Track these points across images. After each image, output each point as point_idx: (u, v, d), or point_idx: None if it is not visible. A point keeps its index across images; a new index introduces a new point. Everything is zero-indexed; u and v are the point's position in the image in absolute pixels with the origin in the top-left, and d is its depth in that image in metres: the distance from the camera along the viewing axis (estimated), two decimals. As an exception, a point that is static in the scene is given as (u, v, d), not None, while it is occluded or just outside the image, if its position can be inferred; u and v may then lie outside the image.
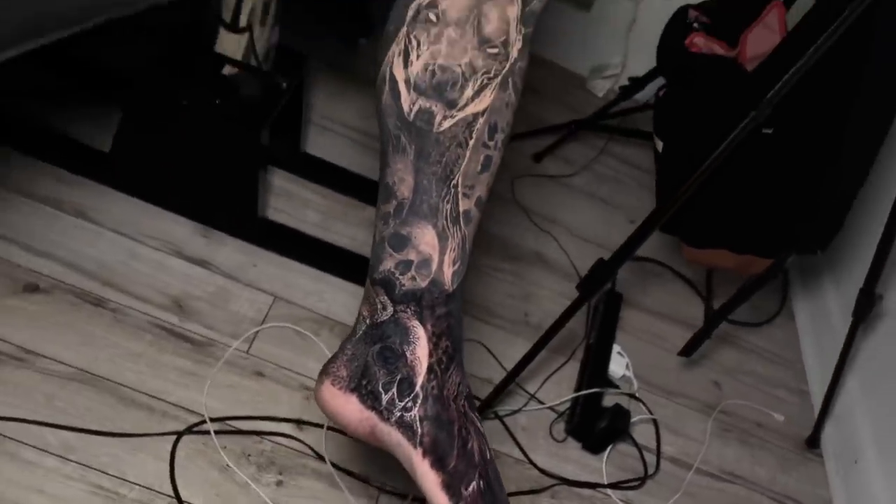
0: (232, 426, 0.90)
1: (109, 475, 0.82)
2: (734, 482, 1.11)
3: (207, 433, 0.88)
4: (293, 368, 0.98)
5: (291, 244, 1.10)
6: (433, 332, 0.73)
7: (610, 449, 1.06)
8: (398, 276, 0.72)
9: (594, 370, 1.12)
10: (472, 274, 0.94)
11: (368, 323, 0.75)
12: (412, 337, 0.73)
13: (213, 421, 0.89)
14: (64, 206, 1.01)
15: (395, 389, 0.72)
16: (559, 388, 1.10)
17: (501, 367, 1.08)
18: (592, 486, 1.02)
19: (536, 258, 1.27)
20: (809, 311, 1.37)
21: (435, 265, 0.72)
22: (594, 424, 1.05)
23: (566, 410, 1.08)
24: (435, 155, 0.69)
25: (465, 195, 0.71)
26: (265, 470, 0.88)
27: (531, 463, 1.01)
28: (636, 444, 1.08)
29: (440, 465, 0.72)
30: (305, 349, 1.00)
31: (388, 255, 0.73)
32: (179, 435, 0.87)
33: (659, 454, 1.09)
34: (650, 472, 1.06)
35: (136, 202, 1.05)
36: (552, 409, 1.08)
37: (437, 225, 0.71)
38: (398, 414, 0.72)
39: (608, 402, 1.10)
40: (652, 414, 1.13)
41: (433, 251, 0.72)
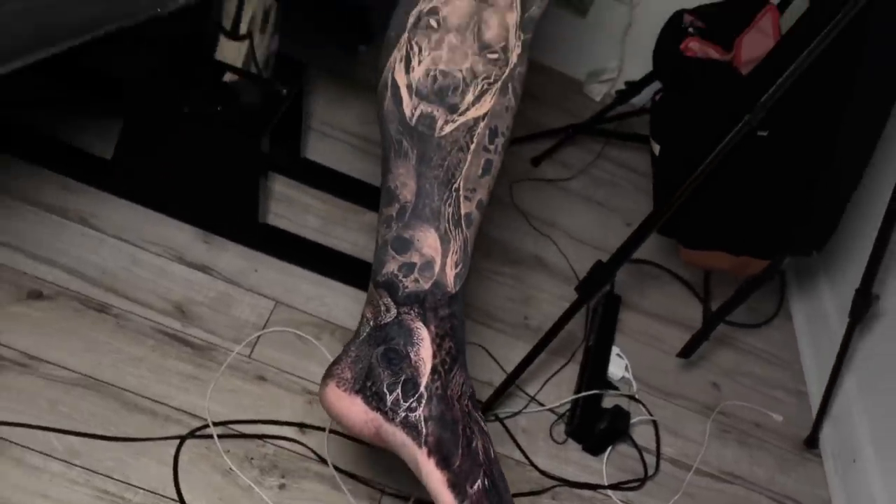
0: (234, 430, 0.90)
1: (114, 479, 0.82)
2: (733, 482, 1.11)
3: (210, 437, 0.88)
4: (295, 372, 0.98)
5: (292, 249, 1.10)
6: (436, 333, 0.73)
7: (610, 450, 1.07)
8: (401, 278, 0.73)
9: (593, 372, 1.13)
10: (472, 277, 0.94)
11: (372, 325, 0.75)
12: (416, 338, 0.73)
13: (215, 425, 0.89)
14: (69, 213, 1.02)
15: (399, 390, 0.73)
16: (559, 390, 1.11)
17: (502, 369, 1.09)
18: (593, 487, 1.02)
19: (536, 261, 1.28)
20: (806, 312, 1.38)
21: (437, 267, 0.73)
22: (594, 426, 1.06)
23: (566, 412, 1.09)
24: (437, 159, 0.70)
25: (466, 198, 0.72)
26: (268, 473, 0.88)
27: (532, 464, 1.02)
28: (636, 445, 1.09)
29: (445, 464, 0.72)
30: (307, 353, 1.00)
31: (391, 257, 0.73)
32: (183, 439, 0.87)
33: (658, 455, 1.10)
34: (650, 472, 1.07)
35: (137, 209, 1.06)
36: (552, 410, 1.08)
37: (439, 228, 0.72)
38: (403, 414, 0.73)
39: (608, 403, 1.11)
40: (651, 415, 1.13)
41: (436, 254, 0.72)
